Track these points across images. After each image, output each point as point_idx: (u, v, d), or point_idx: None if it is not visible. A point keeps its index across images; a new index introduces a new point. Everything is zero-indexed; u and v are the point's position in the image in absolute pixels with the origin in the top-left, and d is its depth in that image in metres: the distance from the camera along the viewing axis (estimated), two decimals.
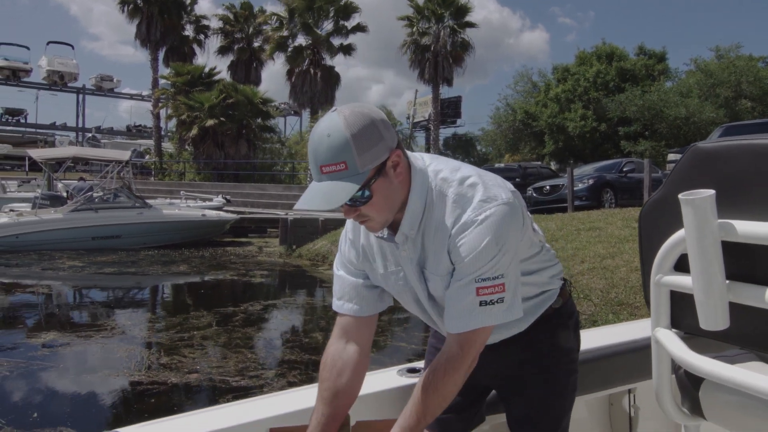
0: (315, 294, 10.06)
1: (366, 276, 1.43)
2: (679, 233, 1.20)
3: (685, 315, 1.27)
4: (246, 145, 24.84)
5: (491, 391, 1.56)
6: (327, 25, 25.85)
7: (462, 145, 45.97)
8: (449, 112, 37.16)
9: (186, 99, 24.41)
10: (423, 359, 1.70)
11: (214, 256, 13.46)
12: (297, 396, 1.55)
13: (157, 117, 29.18)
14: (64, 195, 15.20)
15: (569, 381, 1.46)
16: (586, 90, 27.91)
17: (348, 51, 26.11)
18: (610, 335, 1.89)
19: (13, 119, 45.77)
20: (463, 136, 46.05)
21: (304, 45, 25.60)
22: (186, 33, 29.98)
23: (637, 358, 1.72)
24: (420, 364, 1.71)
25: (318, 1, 24.34)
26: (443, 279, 1.28)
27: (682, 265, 1.23)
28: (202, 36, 30.57)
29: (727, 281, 1.13)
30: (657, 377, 1.35)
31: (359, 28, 25.89)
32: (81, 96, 45.75)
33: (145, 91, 39.72)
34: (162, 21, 27.87)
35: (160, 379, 5.00)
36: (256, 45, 30.37)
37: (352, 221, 1.40)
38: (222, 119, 23.73)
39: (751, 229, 1.09)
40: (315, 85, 25.82)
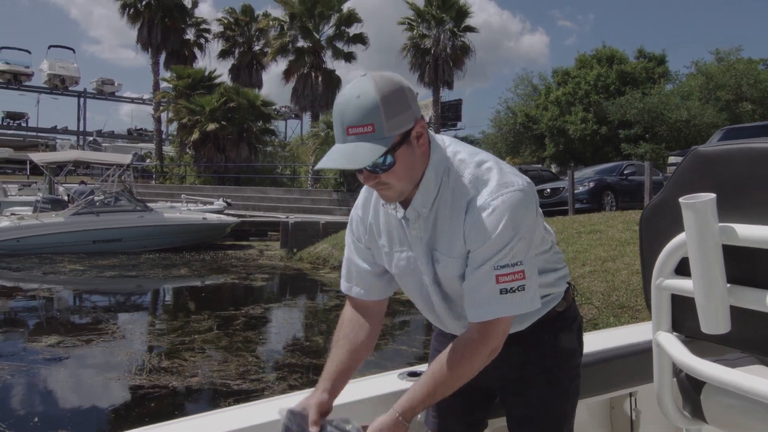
0: (316, 297, 10.05)
1: (374, 262, 1.43)
2: (680, 237, 1.20)
3: (687, 318, 1.27)
4: (247, 149, 24.85)
5: (495, 398, 1.54)
6: (328, 30, 25.90)
7: None
8: (450, 115, 37.13)
9: (187, 102, 24.41)
10: (424, 362, 1.69)
11: (215, 259, 13.46)
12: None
13: (158, 120, 29.19)
14: (65, 198, 15.20)
15: (571, 385, 1.45)
16: (586, 93, 27.91)
17: (349, 59, 26.11)
18: (611, 338, 1.89)
19: (15, 123, 45.89)
20: (464, 139, 46.05)
21: (305, 48, 25.61)
22: (187, 37, 30.00)
23: (639, 361, 1.71)
24: (421, 367, 1.68)
25: (319, 7, 24.35)
26: (456, 261, 1.27)
27: (683, 269, 1.23)
28: (203, 40, 30.64)
29: (728, 285, 1.13)
30: (658, 381, 1.35)
31: (360, 38, 25.88)
32: (82, 100, 45.91)
33: (146, 95, 39.88)
34: (163, 25, 27.89)
35: (161, 383, 5.00)
36: (257, 48, 30.40)
37: (363, 197, 1.42)
38: (223, 123, 23.73)
39: (752, 233, 1.09)
40: (316, 89, 25.82)
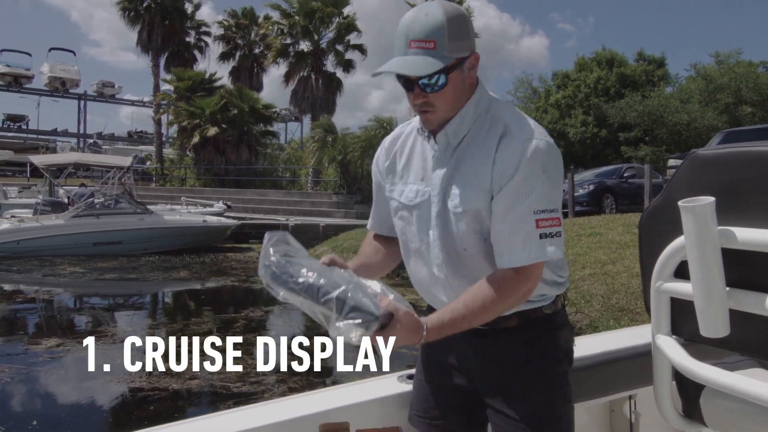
0: None
1: (387, 207, 1.46)
2: (679, 240, 1.20)
3: (686, 321, 1.27)
4: (247, 151, 24.85)
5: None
6: (328, 33, 25.88)
7: None
8: None
9: (187, 105, 24.42)
10: None
11: (215, 261, 13.45)
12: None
13: (159, 123, 29.19)
14: (65, 201, 15.17)
15: (556, 392, 1.34)
16: (586, 96, 27.93)
17: (348, 68, 26.10)
18: (610, 341, 1.89)
19: (15, 125, 45.87)
20: None
21: (305, 51, 25.61)
22: (187, 39, 30.00)
23: (638, 364, 1.70)
24: None
25: (318, 13, 24.36)
26: (476, 194, 1.25)
27: (682, 272, 1.23)
28: (203, 42, 30.65)
29: (728, 288, 1.13)
30: (658, 384, 1.35)
31: (359, 47, 25.88)
32: (82, 102, 45.87)
33: (147, 98, 39.79)
34: (163, 27, 27.89)
35: (161, 386, 5.00)
36: (257, 51, 30.40)
37: (398, 129, 1.47)
38: (223, 125, 23.73)
39: (752, 236, 1.09)
40: (316, 91, 25.81)
